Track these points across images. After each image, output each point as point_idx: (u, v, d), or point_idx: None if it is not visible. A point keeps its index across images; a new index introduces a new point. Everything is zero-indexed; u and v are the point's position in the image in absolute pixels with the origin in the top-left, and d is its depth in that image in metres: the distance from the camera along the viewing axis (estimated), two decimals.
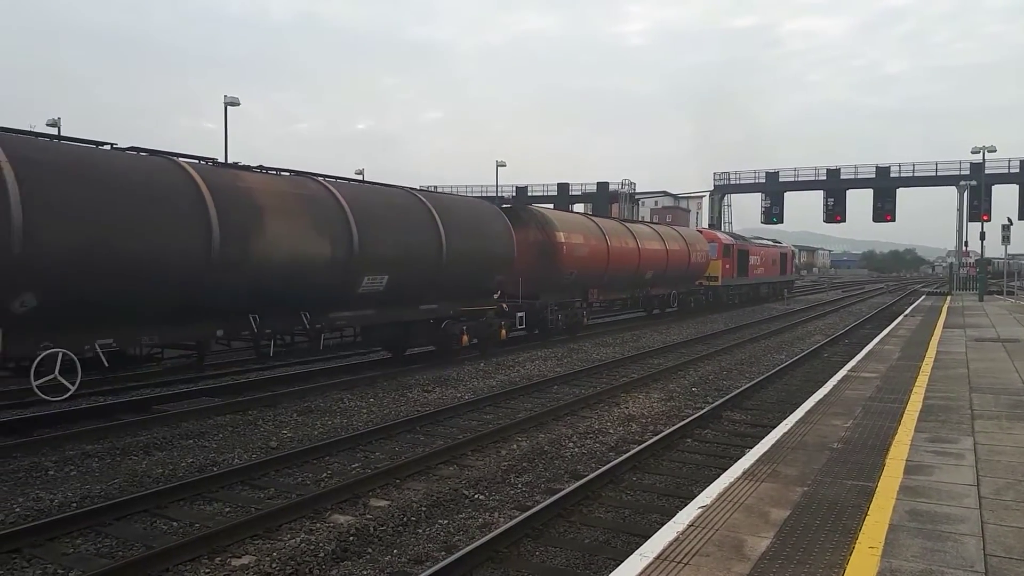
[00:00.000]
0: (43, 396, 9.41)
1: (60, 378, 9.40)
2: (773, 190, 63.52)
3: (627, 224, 27.76)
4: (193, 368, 13.14)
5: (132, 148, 11.21)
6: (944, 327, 21.26)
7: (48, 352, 9.25)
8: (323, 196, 13.15)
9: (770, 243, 46.67)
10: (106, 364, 10.08)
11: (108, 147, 10.87)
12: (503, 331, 18.79)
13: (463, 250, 16.09)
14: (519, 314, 19.55)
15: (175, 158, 11.34)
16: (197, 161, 11.84)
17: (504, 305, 18.99)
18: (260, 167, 13.12)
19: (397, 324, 15.52)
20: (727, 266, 36.08)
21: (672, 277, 29.50)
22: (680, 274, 30.24)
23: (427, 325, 16.30)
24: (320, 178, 13.97)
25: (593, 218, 26.07)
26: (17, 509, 7.25)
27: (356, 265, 13.34)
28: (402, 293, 14.83)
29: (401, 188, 16.64)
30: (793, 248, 54.69)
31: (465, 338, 16.98)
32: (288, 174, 13.63)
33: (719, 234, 38.10)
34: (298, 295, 12.51)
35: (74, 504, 7.42)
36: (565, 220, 22.63)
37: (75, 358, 9.55)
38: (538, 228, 20.97)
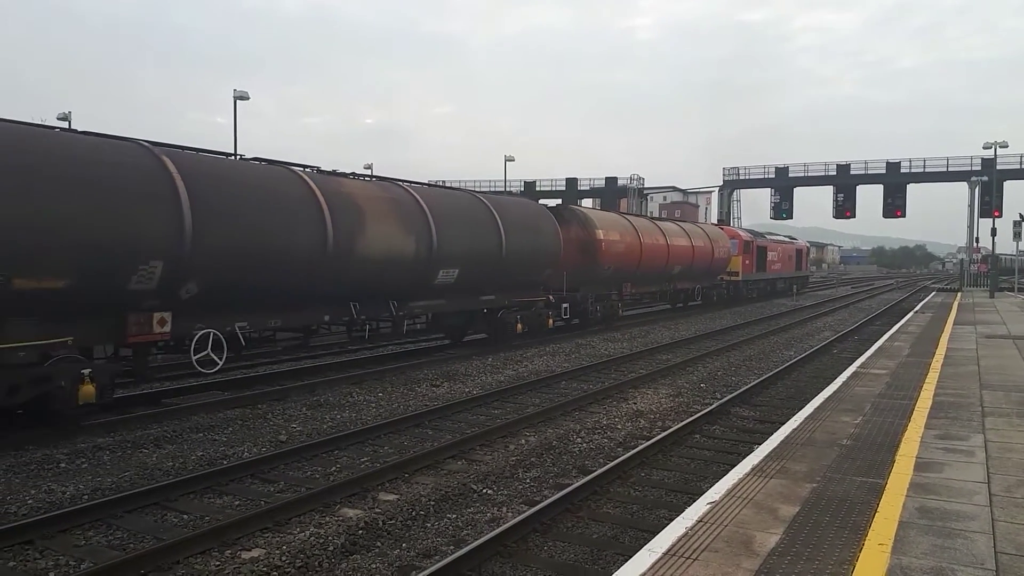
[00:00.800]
0: (200, 369, 11.31)
1: (211, 354, 11.30)
2: (782, 185, 63.32)
3: (657, 222, 29.25)
4: (301, 348, 15.15)
5: (255, 158, 13.25)
6: (954, 324, 21.16)
7: (202, 332, 11.18)
8: (407, 200, 15.04)
9: (786, 239, 47.87)
10: (243, 344, 12.08)
11: (236, 157, 12.78)
12: (550, 320, 20.57)
13: (518, 247, 17.86)
14: (564, 305, 21.29)
15: (292, 168, 13.26)
16: (303, 168, 13.51)
17: (551, 296, 20.62)
18: (352, 173, 14.97)
19: (462, 312, 17.63)
20: (747, 262, 37.68)
21: (697, 272, 31.20)
22: (704, 269, 31.87)
23: (486, 314, 18.31)
24: (402, 183, 15.82)
25: (627, 216, 27.68)
26: (30, 501, 7.32)
27: (434, 260, 15.22)
28: (468, 285, 16.75)
29: (465, 191, 19.32)
30: (808, 244, 55.71)
31: (520, 326, 18.97)
32: (374, 179, 15.68)
33: (739, 231, 39.34)
34: (388, 286, 14.43)
35: (86, 496, 7.48)
36: (603, 219, 24.30)
37: (222, 337, 11.48)
38: (580, 226, 22.63)
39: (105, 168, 9.65)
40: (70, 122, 38.74)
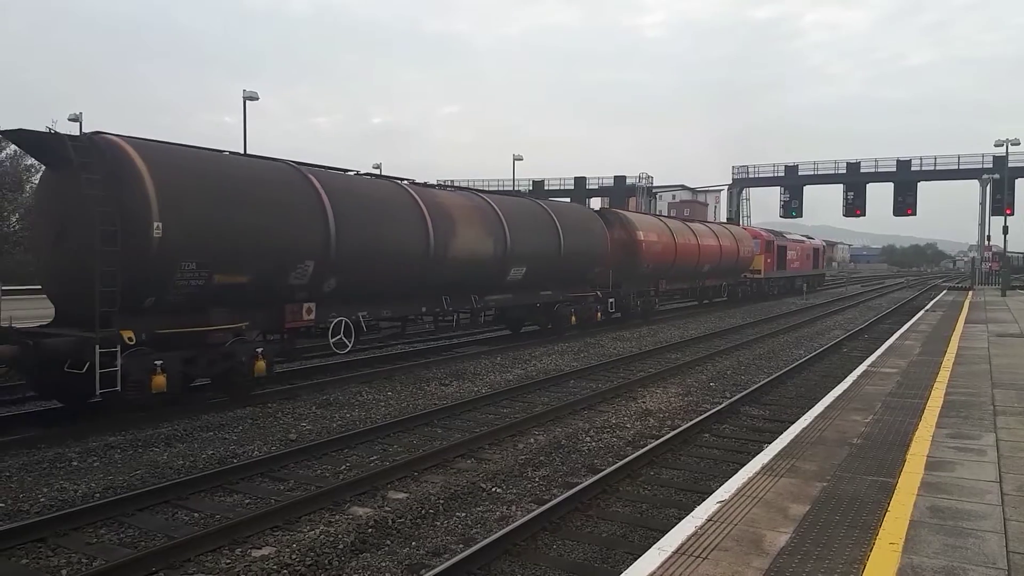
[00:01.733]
0: (336, 351, 13.58)
1: (343, 338, 13.50)
2: (792, 184, 63.08)
3: (688, 223, 31.77)
4: (397, 336, 17.43)
5: (367, 173, 15.62)
6: (966, 322, 21.04)
7: (336, 319, 13.36)
8: (487, 207, 17.36)
9: (804, 238, 50.14)
10: (364, 330, 14.19)
11: (353, 172, 14.68)
12: (598, 314, 22.51)
13: (574, 248, 20.04)
14: (610, 300, 23.43)
15: (399, 182, 15.70)
16: (402, 180, 15.79)
17: (599, 292, 22.64)
18: (440, 184, 17.47)
19: (524, 306, 19.73)
20: (768, 260, 40.11)
21: (723, 270, 33.48)
22: (730, 267, 34.15)
23: (544, 307, 20.39)
24: (480, 193, 18.54)
25: (663, 218, 30.47)
26: (42, 499, 7.37)
27: (507, 259, 17.54)
28: (532, 281, 19.03)
29: (531, 198, 21.97)
30: (824, 243, 57.21)
31: (574, 319, 21.05)
32: (459, 190, 18.62)
33: (761, 231, 41.38)
34: (471, 282, 16.79)
35: (97, 495, 7.52)
36: (642, 220, 26.36)
37: (351, 324, 13.67)
38: (622, 228, 24.62)
39: (277, 187, 11.99)
40: (81, 124, 38.95)
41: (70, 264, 10.29)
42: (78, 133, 11.65)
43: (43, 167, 11.13)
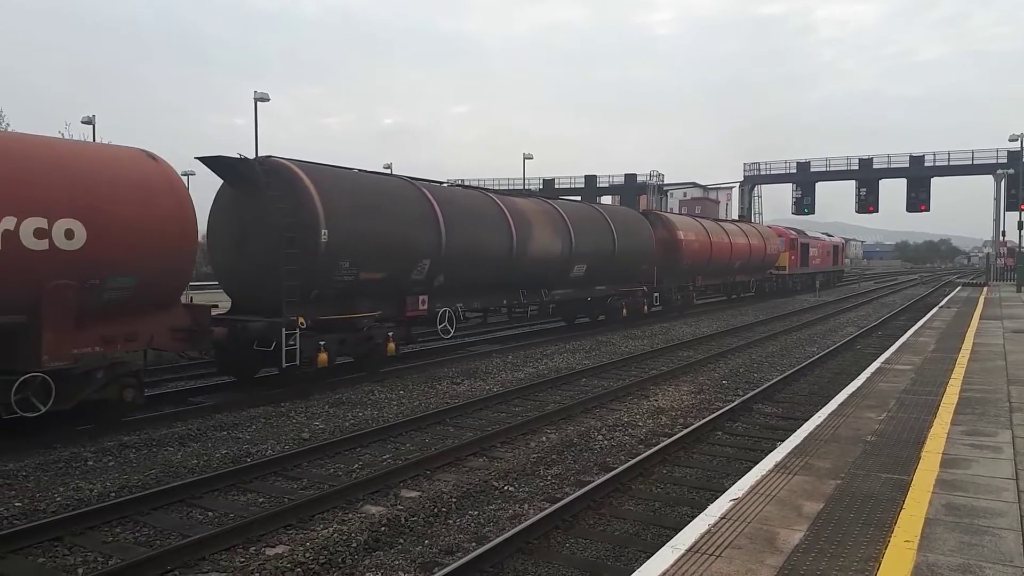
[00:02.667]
0: (441, 336, 15.98)
1: (447, 325, 15.90)
2: (804, 180, 62.69)
3: (720, 223, 33.92)
4: (481, 324, 20.61)
5: (458, 184, 18.91)
6: (981, 318, 20.87)
7: (442, 309, 15.72)
8: (554, 212, 19.87)
9: (824, 236, 52.75)
10: (460, 318, 16.65)
11: (445, 183, 16.89)
12: (645, 307, 24.99)
13: (625, 247, 22.51)
14: (655, 294, 26.05)
15: (487, 191, 18.99)
16: (492, 190, 18.95)
17: (645, 287, 25.05)
18: (516, 190, 19.23)
19: (581, 300, 22.10)
20: (792, 257, 42.47)
21: (752, 266, 35.86)
22: (758, 264, 36.63)
23: (598, 301, 22.89)
24: (549, 200, 21.00)
25: (699, 219, 32.84)
26: (59, 498, 7.43)
27: (572, 258, 19.88)
28: (591, 277, 21.37)
29: (589, 203, 25.64)
30: (843, 240, 59.15)
31: (624, 311, 23.68)
32: (532, 197, 20.80)
33: (786, 230, 43.54)
34: (543, 278, 19.17)
35: (113, 494, 7.58)
36: (682, 221, 29.11)
37: (452, 313, 16.04)
38: (664, 228, 26.95)
39: (403, 199, 14.57)
40: (95, 126, 39.22)
41: (250, 264, 12.54)
42: (254, 156, 13.67)
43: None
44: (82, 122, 39.71)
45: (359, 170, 14.82)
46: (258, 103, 36.49)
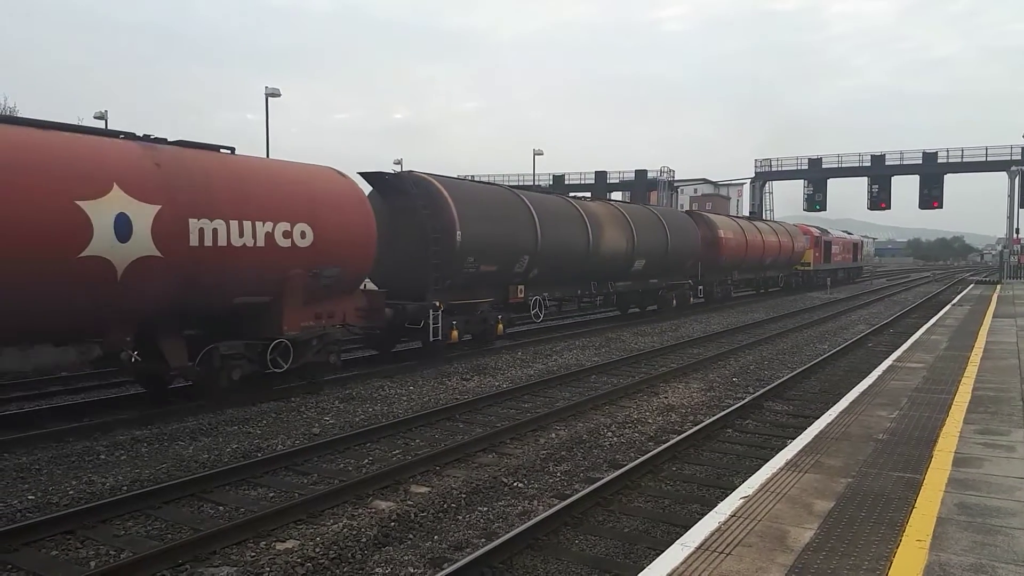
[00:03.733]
0: (534, 320, 19.14)
1: (538, 311, 19.07)
2: (816, 177, 62.34)
3: (754, 222, 37.21)
4: (555, 314, 24.00)
5: (541, 189, 23.30)
6: (994, 316, 20.71)
7: (534, 297, 18.78)
8: (620, 214, 22.82)
9: (845, 234, 56.47)
10: (546, 307, 19.67)
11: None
12: (691, 298, 28.65)
13: (675, 245, 25.44)
14: (699, 287, 29.78)
15: (567, 197, 22.46)
16: (552, 192, 23.15)
17: (691, 280, 28.34)
18: (584, 196, 23.51)
19: (638, 291, 25.22)
20: (817, 254, 45.45)
21: (781, 262, 39.14)
22: (787, 260, 39.93)
23: (651, 292, 25.97)
24: (613, 203, 24.83)
25: (736, 218, 36.08)
26: (71, 492, 7.48)
27: (634, 254, 22.89)
28: (648, 272, 24.49)
29: (644, 206, 30.09)
30: (863, 238, 62.82)
31: (675, 301, 26.86)
32: (600, 201, 24.31)
33: (811, 228, 46.81)
34: (610, 272, 22.24)
35: (125, 488, 7.63)
36: (722, 221, 31.91)
37: (541, 301, 19.15)
38: (706, 227, 29.60)
39: (509, 206, 17.80)
40: (107, 121, 39.41)
41: (399, 257, 15.05)
42: (400, 171, 17.13)
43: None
44: (94, 117, 39.92)
45: (478, 181, 18.98)
46: (269, 98, 36.56)
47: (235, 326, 11.37)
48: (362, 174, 15.20)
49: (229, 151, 11.59)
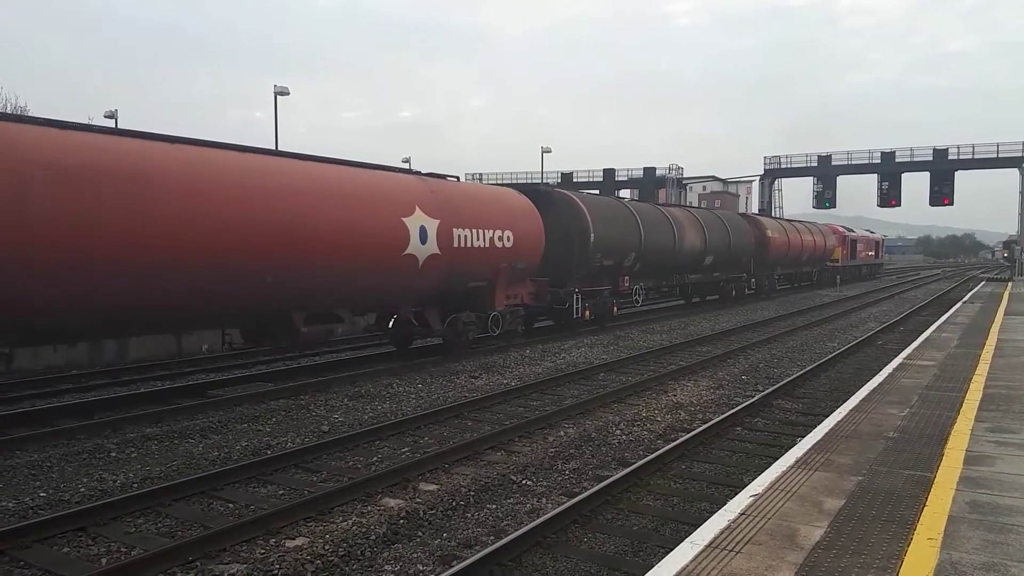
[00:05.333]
0: (635, 305, 24.04)
1: (637, 298, 23.71)
2: (825, 174, 62.10)
3: (793, 222, 41.17)
4: (649, 298, 28.41)
5: (633, 200, 29.01)
6: (1005, 314, 20.58)
7: (636, 286, 23.13)
8: (695, 218, 27.04)
9: (868, 233, 60.66)
10: (643, 294, 24.39)
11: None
12: (745, 290, 33.37)
13: (735, 243, 29.83)
14: (752, 280, 34.30)
15: (658, 205, 27.20)
16: (663, 204, 28.92)
17: (745, 274, 32.94)
18: (662, 202, 28.26)
19: (704, 283, 29.79)
20: (844, 252, 49.84)
21: (815, 259, 43.43)
22: (819, 257, 44.08)
23: (715, 284, 30.74)
24: (689, 208, 29.78)
25: (780, 220, 40.48)
26: (82, 489, 7.53)
27: (706, 251, 27.14)
28: (714, 266, 28.78)
29: (711, 210, 34.06)
30: (883, 236, 68.90)
31: (734, 292, 31.89)
32: (680, 206, 29.58)
33: (839, 228, 51.43)
34: (687, 265, 26.54)
35: (135, 485, 7.67)
36: (769, 222, 36.65)
37: (640, 290, 23.75)
38: (756, 228, 33.46)
39: (621, 214, 22.03)
40: (117, 120, 39.58)
41: (546, 256, 18.15)
42: (550, 187, 22.54)
43: None
44: (105, 116, 40.08)
45: (599, 194, 26.31)
46: (278, 97, 36.61)
47: (466, 302, 16.01)
48: (513, 185, 20.38)
49: (456, 179, 16.45)
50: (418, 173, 15.63)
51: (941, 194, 57.11)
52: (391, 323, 14.95)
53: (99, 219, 9.09)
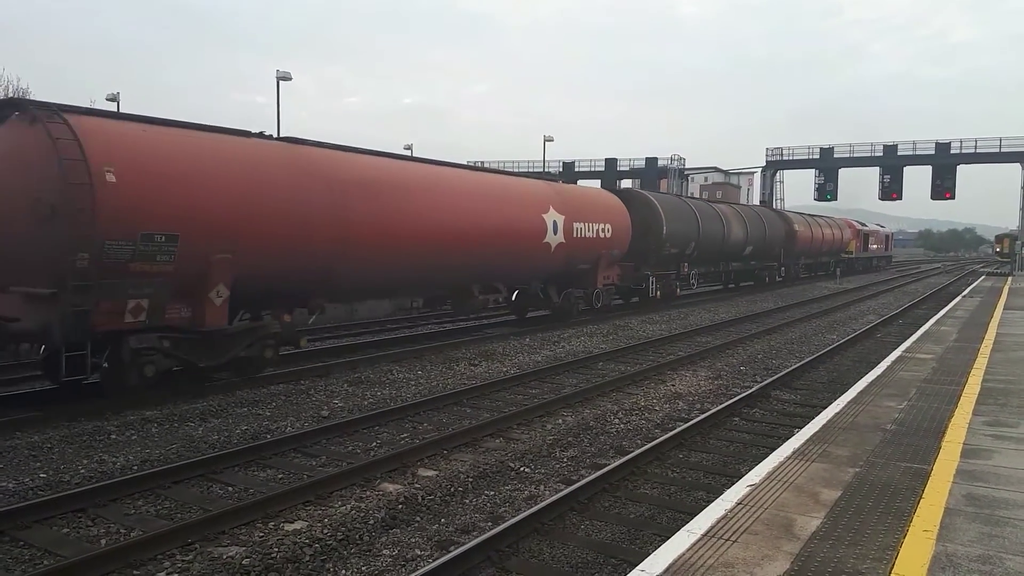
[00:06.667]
0: (691, 287, 29.71)
1: (693, 281, 29.24)
2: (827, 166, 61.92)
3: (816, 218, 46.31)
4: (703, 281, 33.36)
5: (685, 197, 34.06)
6: (1004, 308, 20.59)
7: (692, 271, 28.33)
8: (738, 213, 31.48)
9: (879, 228, 66.09)
10: (697, 278, 29.99)
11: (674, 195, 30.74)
12: (777, 277, 38.01)
13: (770, 235, 34.30)
14: (782, 268, 38.83)
15: (708, 202, 31.32)
16: (713, 200, 34.71)
17: (775, 263, 37.44)
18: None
19: (743, 270, 34.42)
20: (857, 244, 54.29)
21: (833, 251, 48.41)
22: (837, 249, 49.13)
23: (750, 271, 35.38)
24: (734, 205, 33.93)
25: (804, 215, 44.15)
26: (82, 471, 7.56)
27: (747, 242, 31.36)
28: (752, 255, 33.24)
29: (750, 206, 40.76)
30: (892, 231, 75.02)
31: (767, 279, 36.52)
32: (728, 204, 33.76)
33: (853, 222, 55.43)
34: (731, 254, 30.78)
35: (135, 467, 7.70)
36: (795, 217, 40.98)
37: (695, 274, 29.04)
38: (785, 222, 38.09)
39: (682, 209, 25.55)
40: (119, 104, 39.44)
41: (630, 245, 22.00)
42: (629, 188, 30.23)
43: None
44: (106, 99, 39.95)
45: (665, 194, 31.61)
46: (280, 82, 36.48)
47: (575, 280, 20.18)
48: (610, 191, 23.98)
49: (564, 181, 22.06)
50: (549, 177, 23.09)
51: (943, 188, 56.96)
52: (514, 296, 19.36)
53: (380, 215, 13.09)
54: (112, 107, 38.60)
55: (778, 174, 66.54)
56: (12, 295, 9.52)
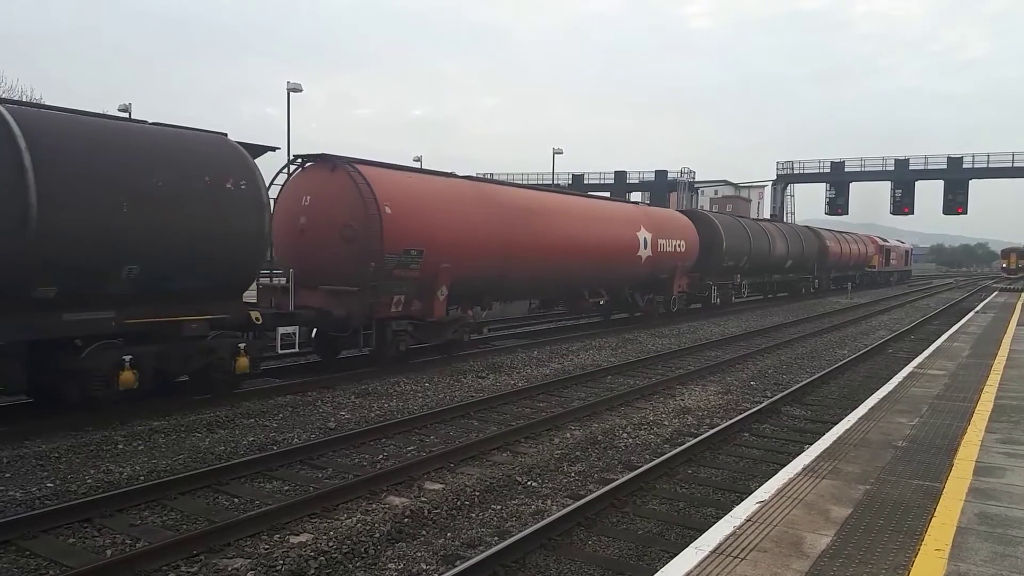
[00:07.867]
0: (743, 296, 33.02)
1: (743, 291, 32.56)
2: (838, 180, 61.83)
3: (844, 233, 49.70)
4: (752, 292, 35.85)
5: (741, 216, 37.91)
6: (1018, 324, 20.41)
7: (743, 282, 31.48)
8: (780, 231, 35.33)
9: (899, 243, 69.71)
10: (747, 287, 32.68)
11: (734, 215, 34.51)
12: (812, 288, 41.46)
13: (806, 250, 38.37)
14: (815, 280, 42.29)
15: (755, 220, 36.25)
16: (753, 218, 40.83)
17: (809, 276, 41.07)
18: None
19: (782, 281, 37.94)
20: (880, 259, 57.41)
21: (859, 265, 51.78)
22: (863, 263, 52.70)
23: (787, 283, 38.98)
24: (775, 223, 39.67)
25: (833, 231, 47.62)
26: (89, 480, 7.55)
27: (787, 256, 35.06)
28: (790, 268, 36.94)
29: (789, 224, 44.49)
30: (912, 246, 78.64)
31: (803, 290, 40.14)
32: (768, 221, 40.35)
33: (876, 238, 58.61)
34: (773, 267, 34.27)
35: (142, 477, 7.69)
36: (826, 233, 44.76)
37: (745, 284, 32.12)
38: (818, 238, 42.05)
39: (739, 226, 30.02)
40: (130, 113, 39.80)
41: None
42: (690, 208, 41.95)
43: None
44: (119, 109, 40.31)
45: (722, 214, 34.41)
46: (291, 93, 36.70)
47: (656, 288, 23.92)
48: (680, 212, 28.05)
49: (645, 204, 28.84)
50: (635, 203, 28.37)
51: (955, 203, 56.77)
52: (602, 301, 21.90)
53: (533, 234, 16.92)
54: (123, 115, 38.88)
55: (788, 188, 66.44)
56: (320, 292, 13.18)
